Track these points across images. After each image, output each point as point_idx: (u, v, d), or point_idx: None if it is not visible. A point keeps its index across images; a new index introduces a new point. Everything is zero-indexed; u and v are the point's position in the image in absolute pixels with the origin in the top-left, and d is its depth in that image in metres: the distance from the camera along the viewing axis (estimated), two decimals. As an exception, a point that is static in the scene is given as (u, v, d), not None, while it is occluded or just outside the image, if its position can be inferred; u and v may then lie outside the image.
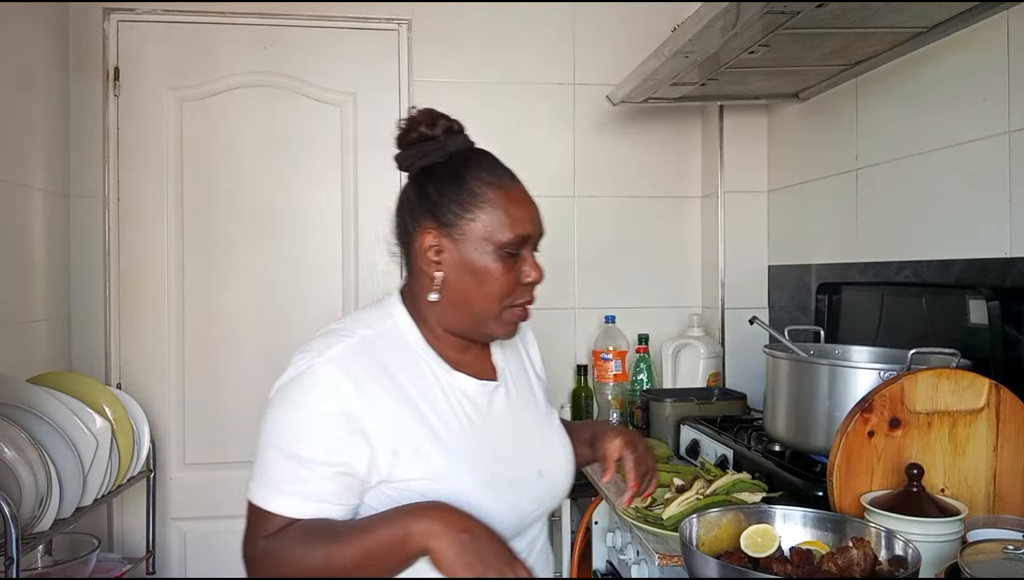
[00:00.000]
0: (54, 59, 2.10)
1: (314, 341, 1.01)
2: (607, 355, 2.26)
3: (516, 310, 1.05)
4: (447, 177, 1.03)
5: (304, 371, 0.96)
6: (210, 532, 2.26)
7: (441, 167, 1.04)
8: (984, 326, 1.34)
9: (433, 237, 1.02)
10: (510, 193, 1.03)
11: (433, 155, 1.04)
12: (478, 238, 1.01)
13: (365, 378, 0.96)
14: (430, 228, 1.02)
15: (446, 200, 1.02)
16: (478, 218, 1.01)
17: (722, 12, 1.33)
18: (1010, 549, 0.91)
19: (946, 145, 1.53)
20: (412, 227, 1.05)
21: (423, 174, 1.05)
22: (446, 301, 1.03)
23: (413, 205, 1.05)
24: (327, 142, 2.32)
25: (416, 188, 1.06)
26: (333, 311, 2.31)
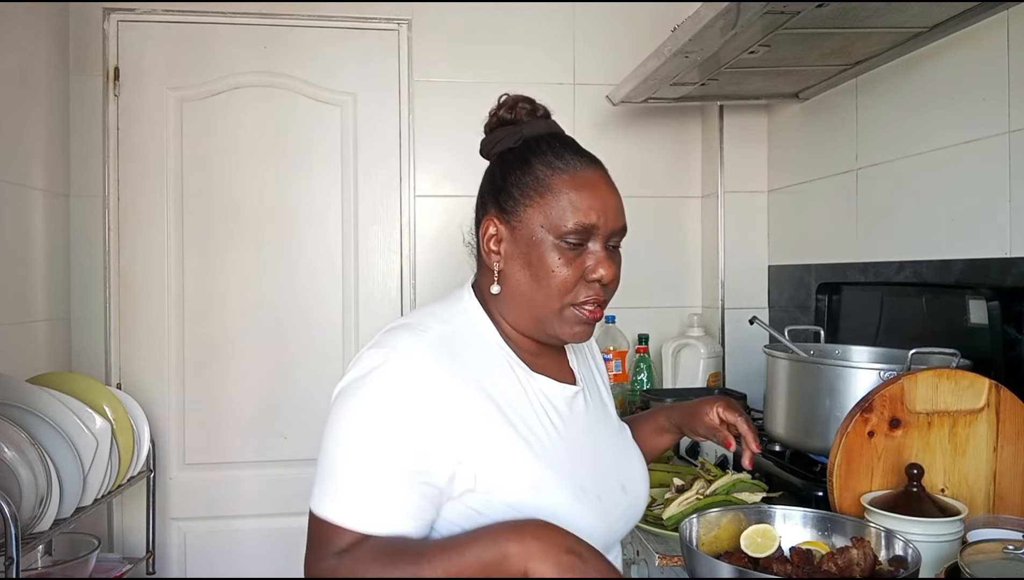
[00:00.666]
0: (54, 59, 2.10)
1: (384, 336, 0.92)
2: (607, 355, 2.26)
3: (581, 310, 0.95)
4: (514, 161, 0.97)
5: (378, 367, 0.86)
6: (210, 532, 2.26)
7: (512, 152, 0.99)
8: (984, 326, 1.34)
9: (494, 225, 0.97)
10: (578, 178, 0.94)
11: (508, 140, 0.99)
12: (536, 226, 0.93)
13: (447, 376, 0.87)
14: (492, 216, 0.97)
15: (508, 185, 0.96)
16: (536, 204, 0.94)
17: (722, 12, 1.33)
18: (1010, 549, 0.91)
19: (946, 145, 1.53)
20: (480, 215, 1.01)
21: (496, 160, 1.01)
22: (507, 295, 0.97)
23: (483, 192, 1.01)
24: (327, 142, 2.31)
25: (488, 175, 1.02)
26: (332, 311, 2.31)
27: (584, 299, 0.94)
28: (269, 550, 2.26)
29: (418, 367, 0.86)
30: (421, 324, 0.93)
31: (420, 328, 0.92)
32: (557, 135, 1.00)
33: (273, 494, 2.25)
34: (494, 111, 1.02)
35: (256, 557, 2.26)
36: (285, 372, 2.28)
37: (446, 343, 0.91)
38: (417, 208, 2.35)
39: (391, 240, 2.35)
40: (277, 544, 2.25)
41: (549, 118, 1.02)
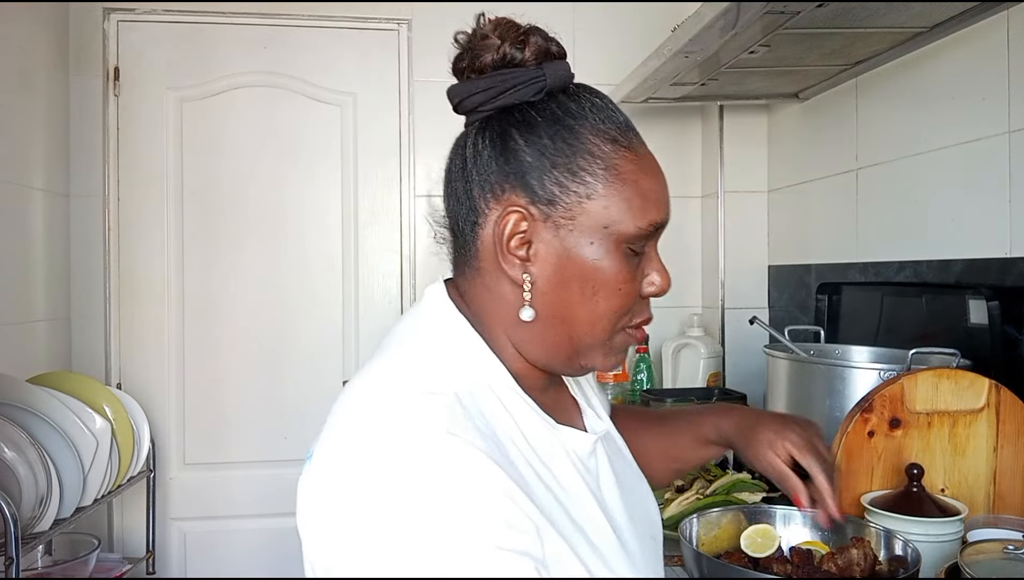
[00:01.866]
0: (54, 59, 2.10)
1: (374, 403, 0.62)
2: (607, 355, 2.26)
3: (632, 332, 0.73)
4: (550, 126, 0.68)
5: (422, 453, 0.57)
6: (210, 532, 2.26)
7: (536, 110, 0.69)
8: (984, 326, 1.34)
9: (521, 218, 0.67)
10: (642, 158, 0.70)
11: (525, 89, 0.69)
12: (595, 225, 0.67)
13: (497, 455, 0.61)
14: (517, 205, 0.67)
15: (547, 162, 0.67)
16: (597, 193, 0.67)
17: (722, 12, 1.33)
18: (1010, 549, 0.91)
19: (946, 145, 1.53)
20: (484, 202, 0.69)
21: (505, 119, 0.70)
22: (537, 320, 0.69)
23: (486, 167, 0.69)
24: (327, 142, 2.31)
25: (493, 141, 0.69)
26: (332, 311, 2.31)
27: (638, 320, 0.74)
28: (269, 550, 2.26)
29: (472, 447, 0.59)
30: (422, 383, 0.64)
31: (431, 396, 0.62)
32: (588, 87, 0.73)
33: (273, 494, 2.25)
34: (488, 40, 0.70)
35: (256, 557, 2.26)
36: (285, 372, 2.28)
37: (471, 413, 0.62)
38: (417, 208, 2.35)
39: (391, 240, 2.35)
40: (277, 544, 2.25)
41: (565, 59, 0.73)
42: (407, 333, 0.72)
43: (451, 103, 0.73)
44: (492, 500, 0.57)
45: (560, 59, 0.72)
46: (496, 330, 0.71)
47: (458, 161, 0.72)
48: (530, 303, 0.68)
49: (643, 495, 0.83)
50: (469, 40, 0.72)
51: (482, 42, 0.70)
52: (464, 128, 0.74)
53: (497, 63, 0.70)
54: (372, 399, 0.63)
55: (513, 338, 0.71)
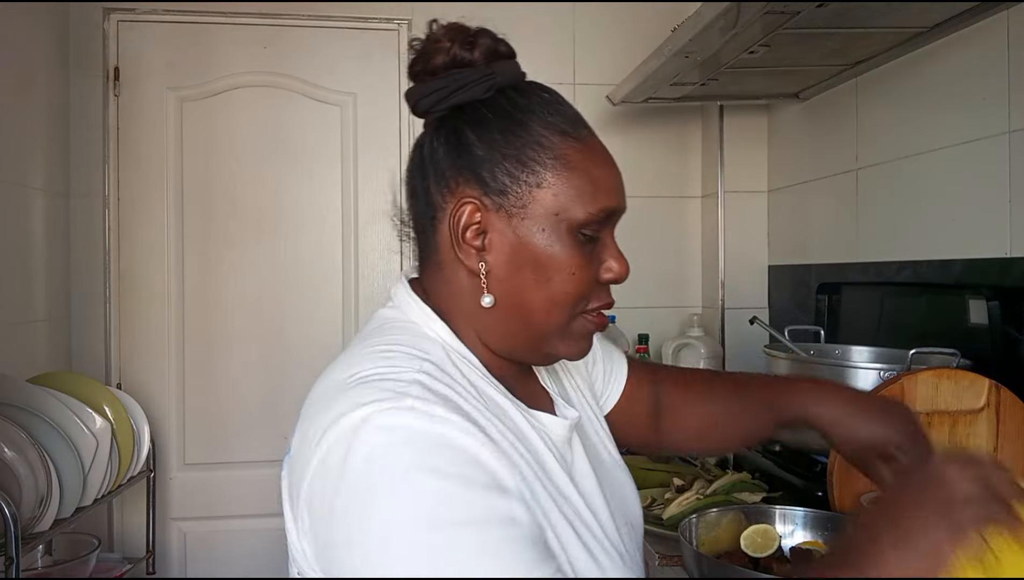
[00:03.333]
0: (54, 59, 2.10)
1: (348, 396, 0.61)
2: (607, 355, 2.26)
3: (591, 318, 0.74)
4: (499, 121, 0.71)
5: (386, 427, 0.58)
6: (210, 532, 2.26)
7: (487, 107, 0.72)
8: (984, 326, 1.34)
9: (474, 210, 0.70)
10: (591, 148, 0.73)
11: (475, 88, 0.71)
12: (546, 213, 0.69)
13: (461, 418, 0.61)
14: (470, 197, 0.70)
15: (497, 154, 0.70)
16: (546, 183, 0.69)
17: (722, 12, 1.33)
18: (1010, 549, 0.90)
19: (946, 145, 1.53)
20: (440, 196, 0.72)
21: (457, 117, 0.72)
22: (496, 307, 0.71)
23: (441, 163, 0.72)
24: (327, 142, 2.31)
25: (448, 138, 0.72)
26: (332, 311, 2.31)
27: (596, 305, 0.74)
28: (269, 550, 2.26)
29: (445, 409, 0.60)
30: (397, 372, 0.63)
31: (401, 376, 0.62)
32: (538, 84, 0.76)
33: (273, 494, 2.22)
34: (434, 46, 0.73)
35: (256, 557, 2.26)
36: (285, 372, 2.28)
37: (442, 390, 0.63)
38: (417, 208, 2.35)
39: (391, 240, 2.35)
40: (277, 544, 2.24)
41: (514, 58, 0.76)
42: (379, 327, 0.75)
43: (408, 105, 0.75)
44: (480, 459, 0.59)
45: (509, 58, 0.75)
46: (460, 322, 0.73)
47: (416, 160, 0.75)
48: (488, 290, 0.70)
49: (621, 484, 0.84)
50: (423, 44, 0.74)
51: (433, 45, 0.73)
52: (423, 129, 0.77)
53: (448, 64, 0.72)
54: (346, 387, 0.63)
55: (476, 328, 0.73)
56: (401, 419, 0.58)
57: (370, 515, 0.56)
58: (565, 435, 0.76)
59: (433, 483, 0.56)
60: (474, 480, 0.57)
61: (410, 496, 0.55)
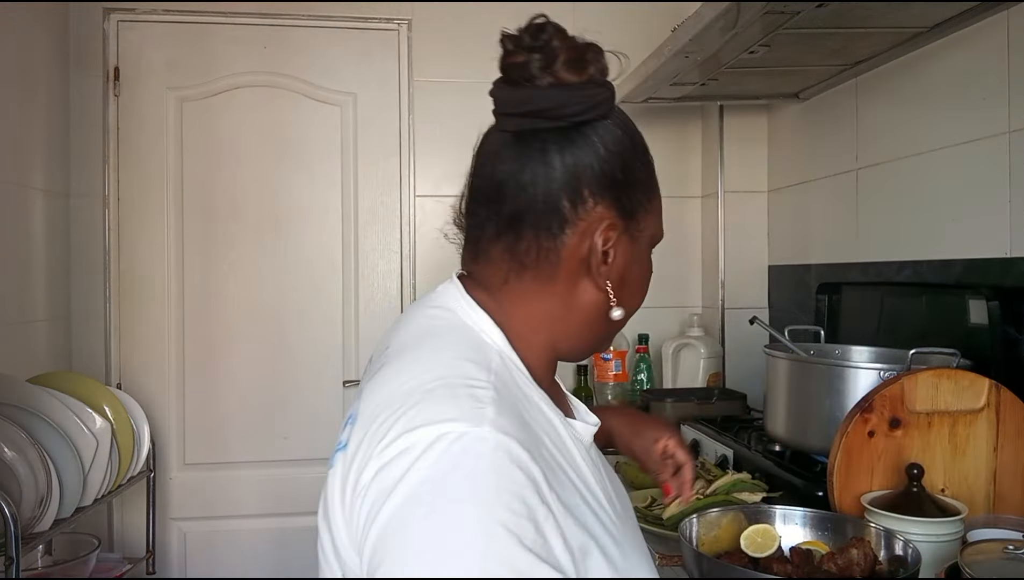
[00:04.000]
0: (54, 59, 2.10)
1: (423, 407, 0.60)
2: (607, 355, 2.26)
3: None
4: (626, 144, 0.72)
5: (471, 450, 0.56)
6: (210, 532, 2.26)
7: (615, 125, 0.72)
8: (984, 326, 1.34)
9: (611, 228, 0.70)
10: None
11: (604, 106, 0.70)
12: (650, 236, 0.75)
13: (533, 449, 0.60)
14: (609, 217, 0.70)
15: (633, 178, 0.72)
16: (654, 209, 0.75)
17: (722, 12, 1.33)
18: (1010, 549, 0.91)
19: (946, 145, 1.53)
20: (575, 206, 0.69)
21: (589, 131, 0.70)
22: (583, 316, 0.73)
23: (577, 173, 0.69)
24: (327, 142, 2.32)
25: (583, 149, 0.69)
26: (332, 311, 2.31)
27: None
28: (269, 550, 2.26)
29: (514, 445, 0.58)
30: (466, 381, 0.62)
31: (473, 388, 0.61)
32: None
33: (273, 494, 2.26)
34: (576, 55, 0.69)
35: (256, 557, 2.26)
36: (285, 372, 2.28)
37: (507, 403, 0.62)
38: (417, 208, 2.35)
39: (391, 240, 2.35)
40: (277, 544, 2.25)
41: None
42: (434, 328, 0.72)
43: (532, 109, 0.69)
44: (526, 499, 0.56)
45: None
46: (528, 327, 0.72)
47: (545, 158, 0.70)
48: (618, 303, 0.73)
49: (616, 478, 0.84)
50: (575, 44, 0.70)
51: (587, 52, 0.70)
52: (529, 125, 0.70)
53: (584, 83, 0.70)
54: (420, 390, 0.61)
55: (557, 334, 0.74)
56: (481, 437, 0.57)
57: (438, 523, 0.54)
58: (590, 441, 0.76)
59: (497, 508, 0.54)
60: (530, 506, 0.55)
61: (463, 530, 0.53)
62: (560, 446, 0.67)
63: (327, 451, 0.70)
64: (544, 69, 0.69)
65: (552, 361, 0.76)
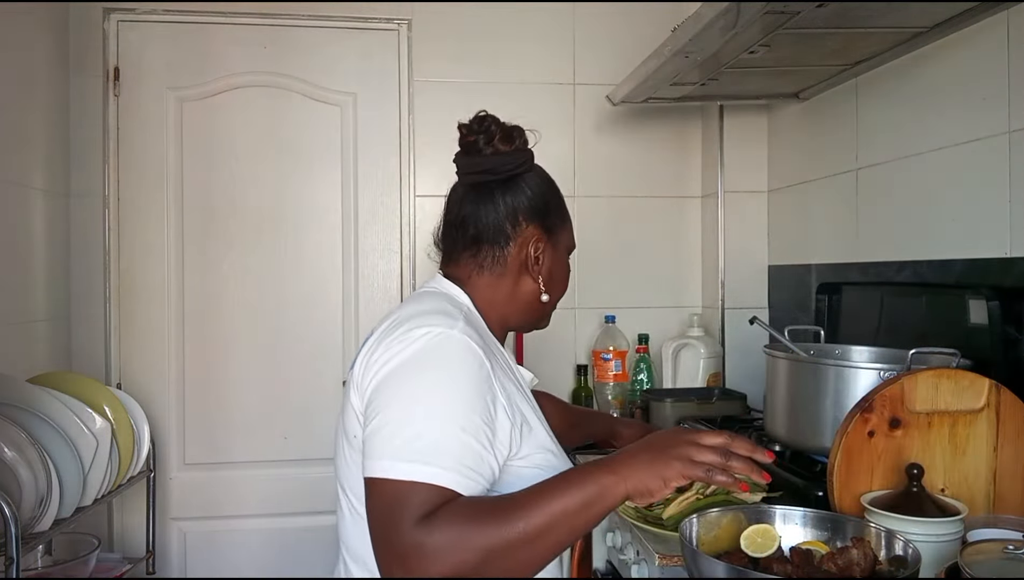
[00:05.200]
0: (54, 59, 2.10)
1: (423, 317, 0.99)
2: (607, 355, 2.26)
3: None
4: (544, 187, 1.14)
5: (445, 339, 0.95)
6: (210, 532, 2.26)
7: (534, 176, 1.14)
8: (984, 326, 1.34)
9: (540, 240, 1.12)
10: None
11: (526, 164, 1.14)
12: (564, 244, 1.17)
13: (486, 354, 0.98)
14: (538, 232, 1.12)
15: (550, 207, 1.14)
16: (565, 227, 1.17)
17: (722, 12, 1.33)
18: (1010, 549, 0.90)
19: (946, 145, 1.53)
20: (514, 228, 1.11)
21: (517, 179, 1.12)
22: (524, 298, 1.13)
23: (515, 207, 1.11)
24: (327, 142, 2.32)
25: (516, 190, 1.12)
26: (332, 311, 2.31)
27: None
28: (269, 550, 2.26)
29: (475, 342, 0.96)
30: (446, 310, 1.02)
31: (451, 312, 1.01)
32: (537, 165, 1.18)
33: (273, 494, 2.26)
34: (506, 133, 1.11)
35: (256, 557, 2.26)
36: (285, 372, 2.28)
37: (472, 327, 1.01)
38: (417, 208, 2.35)
39: (391, 240, 2.35)
40: (277, 544, 2.25)
41: None
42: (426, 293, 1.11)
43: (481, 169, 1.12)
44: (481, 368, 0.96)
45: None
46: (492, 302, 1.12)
47: (493, 199, 1.11)
48: (544, 290, 1.14)
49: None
50: (505, 128, 1.13)
51: (511, 131, 1.13)
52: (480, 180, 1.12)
53: (512, 151, 1.12)
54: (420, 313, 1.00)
55: (506, 311, 1.14)
56: (452, 335, 0.96)
57: (410, 376, 0.93)
58: (527, 382, 1.14)
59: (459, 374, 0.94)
60: (481, 380, 0.95)
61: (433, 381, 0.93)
62: (508, 367, 1.08)
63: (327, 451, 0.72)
64: (487, 144, 1.11)
65: (503, 331, 1.15)
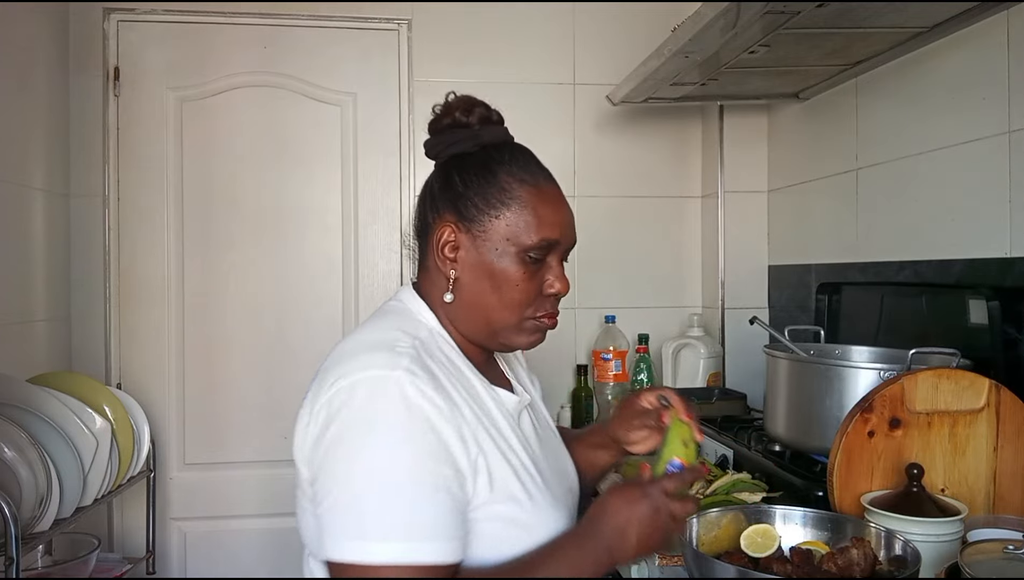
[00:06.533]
0: (54, 59, 2.10)
1: (355, 358, 0.87)
2: (607, 355, 2.26)
3: (539, 321, 0.97)
4: (476, 168, 0.95)
5: (377, 389, 0.83)
6: (210, 532, 2.26)
7: (471, 157, 0.96)
8: (984, 326, 1.34)
9: (450, 232, 0.95)
10: (543, 193, 0.95)
11: (464, 143, 0.97)
12: (500, 238, 0.93)
13: (435, 394, 0.85)
14: (449, 222, 0.95)
15: (471, 192, 0.94)
16: (502, 216, 0.93)
17: (722, 12, 1.33)
18: (1010, 549, 0.91)
19: (946, 145, 1.53)
20: (432, 218, 0.98)
21: (451, 163, 0.98)
22: (462, 304, 0.96)
23: (435, 195, 0.98)
24: (327, 142, 2.31)
25: (441, 178, 0.98)
26: (332, 311, 2.31)
27: (542, 313, 0.97)
28: (269, 550, 2.26)
29: (416, 385, 0.83)
30: (389, 341, 0.89)
31: (397, 346, 0.88)
32: (515, 144, 0.99)
33: (273, 494, 2.25)
34: (445, 111, 0.99)
35: (256, 557, 2.26)
36: (285, 372, 2.28)
37: (422, 360, 0.88)
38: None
39: (391, 240, 2.35)
40: (277, 544, 2.25)
41: (503, 124, 1.00)
42: (385, 310, 1.01)
43: (424, 152, 1.02)
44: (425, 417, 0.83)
45: (499, 124, 1.00)
46: (438, 312, 0.99)
47: (424, 191, 1.02)
48: (451, 290, 0.96)
49: (564, 459, 1.09)
50: (441, 108, 1.00)
51: (444, 110, 0.99)
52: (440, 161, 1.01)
53: (451, 125, 0.98)
54: (351, 354, 0.89)
55: (450, 318, 0.99)
56: (387, 381, 0.83)
57: (354, 443, 0.82)
58: (516, 408, 1.00)
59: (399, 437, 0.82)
60: (428, 446, 0.82)
61: (382, 444, 0.82)
62: (474, 399, 0.93)
63: (327, 451, 0.71)
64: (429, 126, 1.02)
65: (471, 342, 0.99)
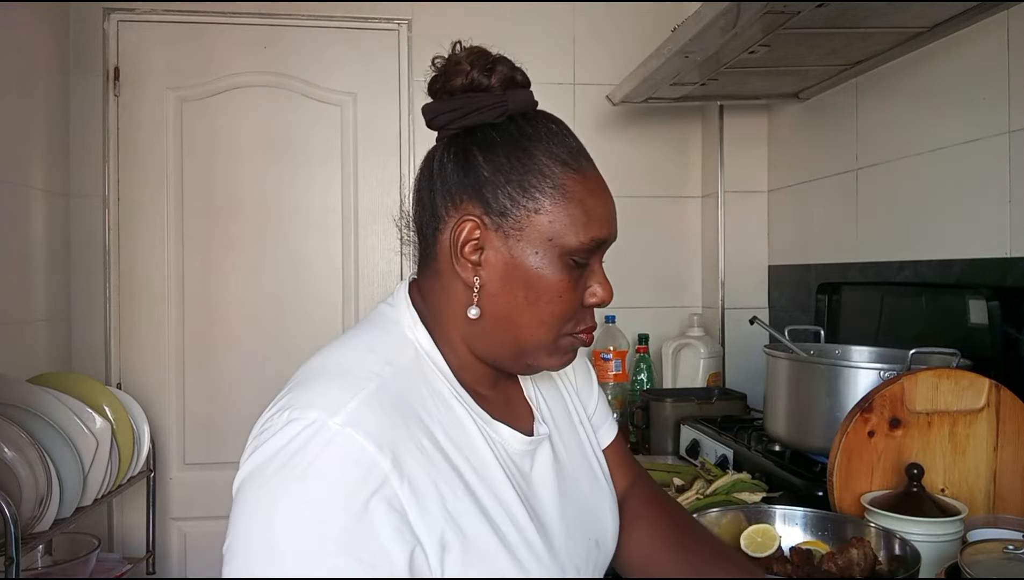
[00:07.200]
0: (54, 59, 2.10)
1: (301, 391, 0.68)
2: (607, 355, 2.26)
3: (577, 337, 0.78)
4: (506, 146, 0.74)
5: (313, 438, 0.63)
6: (210, 532, 2.26)
7: (497, 131, 0.75)
8: (984, 326, 1.34)
9: (474, 227, 0.74)
10: (589, 180, 0.76)
11: (488, 112, 0.75)
12: (540, 237, 0.73)
13: (397, 443, 0.66)
14: (472, 214, 0.74)
15: (501, 177, 0.73)
16: (543, 209, 0.73)
17: (722, 12, 1.33)
18: (1010, 549, 0.91)
19: (946, 145, 1.53)
20: (444, 209, 0.76)
21: (469, 137, 0.76)
22: (484, 319, 0.75)
23: (448, 179, 0.76)
24: (327, 142, 2.31)
25: (456, 156, 0.76)
26: (332, 311, 2.31)
27: (581, 327, 0.78)
28: (269, 550, 2.26)
29: (364, 435, 0.64)
30: (356, 371, 0.70)
31: (356, 377, 0.69)
32: (548, 114, 0.79)
33: (273, 494, 2.25)
34: (455, 67, 0.76)
35: (256, 557, 2.26)
36: (285, 372, 2.24)
37: (391, 396, 0.69)
38: (417, 208, 2.35)
39: (391, 240, 2.34)
40: (277, 544, 2.25)
41: (529, 87, 0.79)
42: (371, 319, 0.81)
43: (424, 119, 0.79)
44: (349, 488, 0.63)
45: (524, 87, 0.79)
46: (447, 325, 0.78)
47: (426, 172, 0.79)
48: (477, 303, 0.75)
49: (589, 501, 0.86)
50: (444, 64, 0.78)
51: (455, 67, 0.77)
52: (435, 143, 0.81)
53: (466, 87, 0.76)
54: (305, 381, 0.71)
55: (463, 334, 0.78)
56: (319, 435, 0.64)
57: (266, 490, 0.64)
58: (522, 449, 0.79)
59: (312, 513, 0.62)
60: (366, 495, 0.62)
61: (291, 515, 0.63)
62: (460, 443, 0.72)
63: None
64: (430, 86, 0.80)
65: (477, 362, 0.79)
